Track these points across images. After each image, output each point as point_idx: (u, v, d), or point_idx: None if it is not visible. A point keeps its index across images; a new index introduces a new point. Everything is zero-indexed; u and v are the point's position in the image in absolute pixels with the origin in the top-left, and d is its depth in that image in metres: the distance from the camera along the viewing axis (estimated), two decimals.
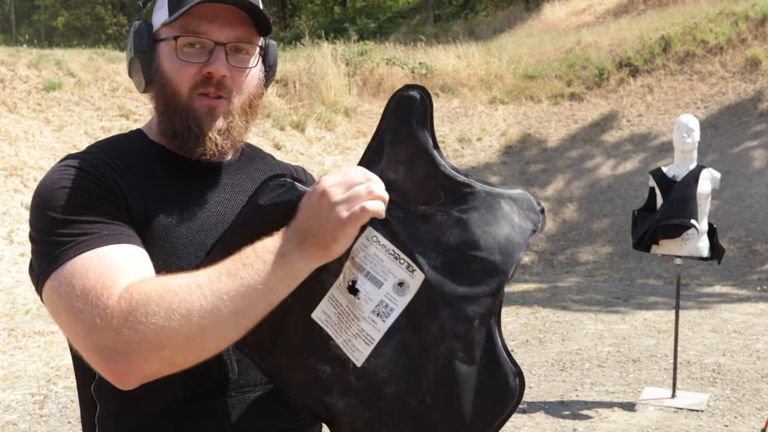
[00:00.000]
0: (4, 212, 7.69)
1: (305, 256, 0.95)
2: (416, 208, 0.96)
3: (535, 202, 1.00)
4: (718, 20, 14.18)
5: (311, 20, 23.09)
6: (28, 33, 27.04)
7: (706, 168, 4.83)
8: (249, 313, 0.96)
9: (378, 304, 0.97)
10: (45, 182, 1.11)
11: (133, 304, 0.95)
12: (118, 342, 0.95)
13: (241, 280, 0.95)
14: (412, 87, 0.99)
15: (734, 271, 9.34)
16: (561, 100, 14.05)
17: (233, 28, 1.16)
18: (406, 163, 0.97)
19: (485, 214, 0.95)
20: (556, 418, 4.50)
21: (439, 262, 0.95)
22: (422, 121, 0.97)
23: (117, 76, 11.11)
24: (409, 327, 0.96)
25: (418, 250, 0.95)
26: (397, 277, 0.97)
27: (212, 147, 1.18)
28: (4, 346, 5.79)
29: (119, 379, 0.97)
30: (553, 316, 7.15)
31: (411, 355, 0.96)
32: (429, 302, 0.95)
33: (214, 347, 0.98)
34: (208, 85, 1.16)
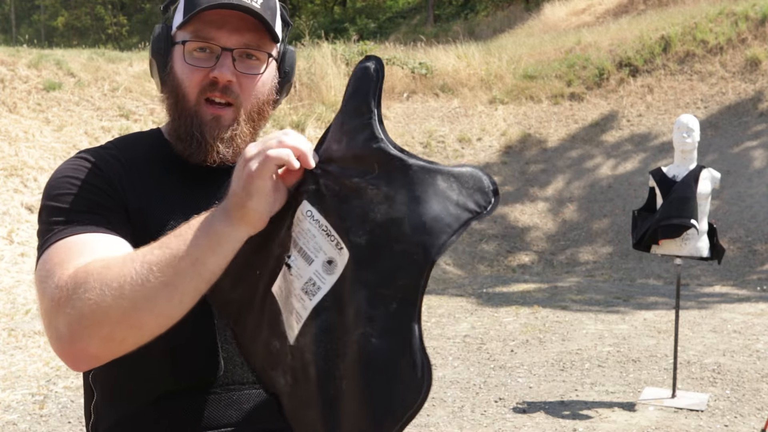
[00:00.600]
0: (4, 212, 7.69)
1: (228, 219, 0.93)
2: (351, 180, 0.91)
3: (488, 181, 0.90)
4: (718, 20, 14.18)
5: (311, 20, 23.10)
6: (28, 33, 27.05)
7: (706, 168, 4.83)
8: (179, 285, 0.94)
9: (307, 282, 0.94)
10: (53, 175, 1.17)
11: (77, 283, 0.96)
12: (62, 322, 0.96)
13: (169, 251, 0.94)
14: (368, 58, 0.96)
15: (734, 271, 9.34)
16: (561, 100, 14.05)
17: (242, 35, 1.17)
18: (348, 134, 0.93)
19: (414, 191, 0.87)
20: (556, 418, 4.50)
21: (364, 239, 0.89)
22: (369, 91, 0.94)
23: (117, 76, 11.11)
24: (335, 308, 0.92)
25: (347, 226, 0.90)
26: (327, 254, 0.92)
27: (214, 155, 1.19)
28: (4, 346, 5.79)
29: (68, 360, 0.98)
30: (553, 316, 7.15)
31: (332, 337, 0.92)
32: (351, 282, 0.90)
33: (152, 322, 0.96)
34: (214, 90, 1.17)
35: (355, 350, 0.89)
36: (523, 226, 11.37)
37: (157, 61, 1.21)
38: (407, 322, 0.87)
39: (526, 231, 11.27)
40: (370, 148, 0.90)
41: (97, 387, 1.19)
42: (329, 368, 0.92)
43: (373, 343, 0.87)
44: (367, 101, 0.93)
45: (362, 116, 0.92)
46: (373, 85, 0.94)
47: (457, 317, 7.15)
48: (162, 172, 1.21)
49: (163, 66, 1.21)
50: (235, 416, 1.17)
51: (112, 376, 1.16)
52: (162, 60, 1.20)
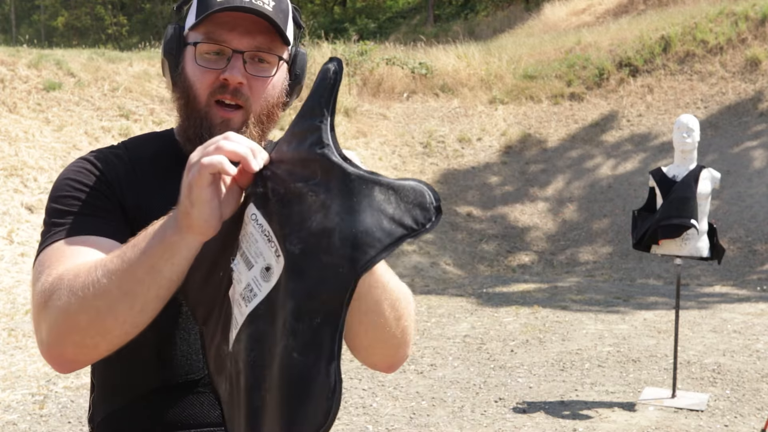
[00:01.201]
0: (4, 212, 7.69)
1: (177, 227, 0.92)
2: (295, 185, 0.86)
3: (430, 196, 0.83)
4: (718, 20, 14.19)
5: (311, 20, 23.10)
6: (28, 33, 27.06)
7: (706, 168, 4.83)
8: (138, 293, 0.95)
9: (245, 287, 0.91)
10: (58, 177, 1.20)
11: (51, 290, 0.99)
12: (43, 327, 1.00)
13: (127, 259, 0.95)
14: (331, 60, 0.90)
15: (734, 271, 9.34)
16: (561, 100, 14.05)
17: (253, 37, 1.17)
18: (297, 136, 0.89)
19: (348, 201, 0.82)
20: (556, 418, 4.50)
21: (298, 248, 0.84)
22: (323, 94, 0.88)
23: (117, 76, 11.11)
24: (267, 316, 0.88)
25: (285, 232, 0.86)
26: (266, 260, 0.89)
27: None
28: (4, 346, 5.79)
29: (52, 364, 1.02)
30: (553, 316, 7.15)
31: (261, 347, 0.89)
32: (283, 292, 0.86)
33: (118, 330, 0.97)
34: (224, 92, 1.18)
35: (277, 363, 0.86)
36: (523, 226, 11.37)
37: (169, 62, 1.22)
38: (328, 340, 0.83)
39: (526, 231, 11.27)
40: (315, 152, 0.85)
41: (96, 381, 1.24)
42: (256, 379, 0.89)
43: (294, 358, 0.84)
44: (320, 104, 0.88)
45: (313, 118, 0.87)
46: (329, 87, 0.88)
47: (457, 317, 7.15)
48: (167, 170, 1.22)
49: (174, 66, 1.22)
50: (218, 415, 1.19)
51: (105, 372, 1.21)
52: (174, 60, 1.21)
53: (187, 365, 1.18)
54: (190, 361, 1.18)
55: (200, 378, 1.19)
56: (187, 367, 1.18)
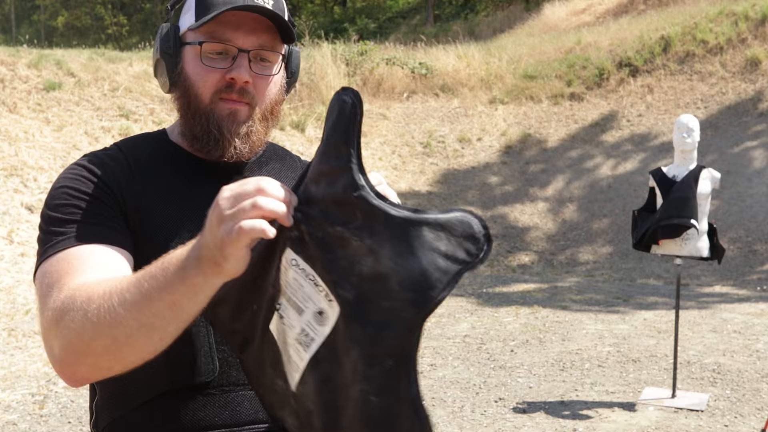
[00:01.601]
0: (4, 212, 7.69)
1: (202, 271, 0.89)
2: (334, 228, 0.84)
3: (478, 225, 0.83)
4: (718, 20, 14.19)
5: (311, 20, 23.10)
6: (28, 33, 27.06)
7: (706, 168, 4.83)
8: (157, 326, 0.92)
9: (300, 332, 0.90)
10: (54, 183, 1.18)
11: (64, 309, 0.97)
12: (55, 344, 0.98)
13: (146, 293, 0.92)
14: (345, 91, 0.87)
15: (734, 271, 9.34)
16: (561, 100, 14.05)
17: (258, 36, 1.18)
18: (326, 176, 0.86)
19: (398, 245, 0.81)
20: (556, 418, 4.50)
21: (351, 294, 0.84)
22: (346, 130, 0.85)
23: (117, 76, 11.11)
24: (331, 360, 0.88)
25: (335, 278, 0.85)
26: (317, 305, 0.88)
27: (232, 151, 1.20)
28: (4, 346, 5.79)
29: (63, 378, 1.01)
30: (553, 316, 7.15)
31: (333, 389, 0.88)
32: (344, 337, 0.86)
33: (135, 357, 0.96)
34: (231, 91, 1.18)
35: (353, 406, 0.86)
36: (523, 226, 11.38)
37: (166, 62, 1.21)
38: (404, 379, 0.84)
39: (526, 231, 11.27)
40: (351, 196, 0.84)
41: (98, 386, 1.21)
42: (332, 420, 0.89)
43: (372, 401, 0.84)
44: (345, 141, 0.85)
45: (340, 158, 0.85)
46: (350, 123, 0.85)
47: (457, 317, 7.15)
48: (166, 172, 1.22)
49: (172, 67, 1.21)
50: (230, 417, 1.18)
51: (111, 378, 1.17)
52: (171, 60, 1.20)
53: (197, 368, 1.16)
54: (199, 364, 1.16)
55: (210, 380, 1.17)
56: (197, 369, 1.16)
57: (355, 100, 0.85)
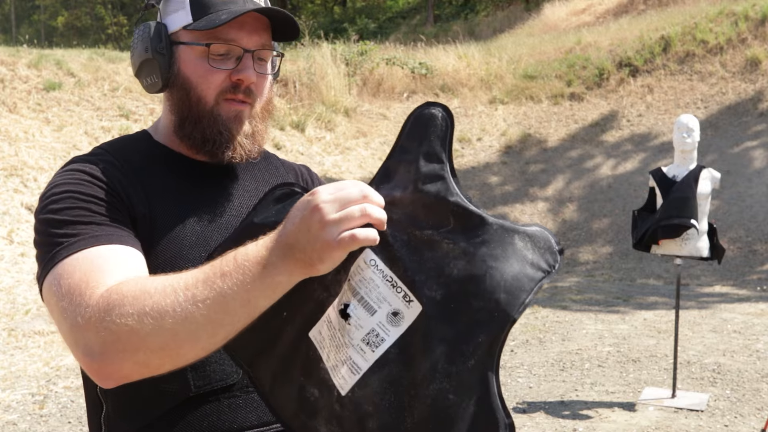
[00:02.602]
0: (4, 212, 7.69)
1: (288, 270, 0.88)
2: (422, 232, 0.89)
3: (554, 240, 0.92)
4: (718, 20, 14.18)
5: (311, 20, 23.10)
6: (28, 33, 27.05)
7: (706, 168, 4.83)
8: (225, 323, 0.91)
9: (369, 333, 0.90)
10: (47, 187, 1.13)
11: (110, 304, 0.93)
12: (96, 341, 0.93)
13: (218, 290, 0.90)
14: (434, 104, 0.92)
15: (734, 271, 9.34)
16: (561, 100, 14.05)
17: (260, 35, 1.18)
18: (415, 182, 0.90)
19: (495, 249, 0.88)
20: (556, 418, 4.50)
21: (439, 294, 0.87)
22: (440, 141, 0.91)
23: (117, 76, 11.11)
24: (401, 360, 0.89)
25: (420, 279, 0.88)
26: (392, 305, 0.90)
27: (242, 151, 1.20)
28: (4, 346, 5.79)
29: (99, 378, 0.97)
30: (553, 316, 7.15)
31: (398, 390, 0.89)
32: (424, 336, 0.88)
33: (192, 354, 0.94)
34: (237, 92, 1.18)
35: (428, 405, 0.88)
36: None
37: (159, 62, 1.18)
38: (485, 379, 0.87)
39: None
40: (446, 200, 0.89)
41: (108, 398, 1.16)
42: (395, 421, 0.89)
43: (450, 399, 0.86)
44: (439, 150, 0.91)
45: (432, 164, 0.90)
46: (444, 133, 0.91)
47: None
48: (160, 172, 1.20)
49: (166, 67, 1.19)
50: (257, 418, 1.17)
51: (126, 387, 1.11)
52: (165, 60, 1.19)
53: (221, 371, 1.14)
54: (223, 366, 1.14)
55: (234, 383, 1.15)
56: (221, 372, 1.14)
57: (446, 114, 0.92)
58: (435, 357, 0.87)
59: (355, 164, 12.05)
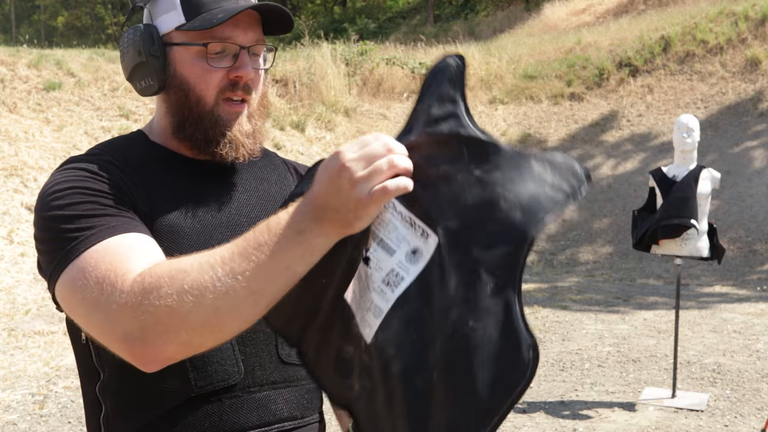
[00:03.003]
0: (4, 212, 7.69)
1: (325, 232, 0.89)
2: (438, 168, 0.89)
3: (579, 167, 0.87)
4: (718, 20, 14.18)
5: (311, 20, 23.09)
6: (28, 33, 27.03)
7: (706, 168, 4.83)
8: (267, 292, 0.91)
9: (388, 273, 0.91)
10: (47, 185, 1.11)
11: (147, 287, 0.93)
12: (135, 326, 0.92)
13: (256, 260, 0.90)
14: (449, 56, 0.94)
15: (734, 271, 9.34)
16: (561, 100, 14.05)
17: (254, 31, 1.18)
18: (430, 123, 0.91)
19: (509, 172, 0.86)
20: (556, 418, 4.50)
21: (454, 223, 0.87)
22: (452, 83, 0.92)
23: (117, 76, 11.11)
24: (420, 296, 0.89)
25: (436, 212, 0.88)
26: (411, 244, 0.90)
27: (244, 151, 1.20)
28: (4, 346, 5.79)
29: (141, 362, 0.95)
30: (553, 316, 7.15)
31: (419, 327, 0.88)
32: (440, 267, 0.87)
33: (234, 328, 0.94)
34: (236, 89, 1.18)
35: (448, 336, 0.85)
36: None
37: (154, 65, 1.18)
38: (505, 302, 0.84)
39: None
40: (458, 135, 0.89)
41: (107, 399, 1.15)
42: (418, 360, 0.88)
43: (471, 326, 0.84)
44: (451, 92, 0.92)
45: (445, 105, 0.91)
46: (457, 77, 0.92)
47: None
48: (158, 172, 1.19)
49: (161, 69, 1.18)
50: (259, 418, 1.16)
51: (126, 386, 1.13)
52: (159, 63, 1.17)
53: (222, 371, 1.13)
54: (225, 366, 1.14)
55: (236, 383, 1.15)
56: (223, 372, 1.14)
57: (459, 61, 0.93)
58: (452, 286, 0.86)
59: None
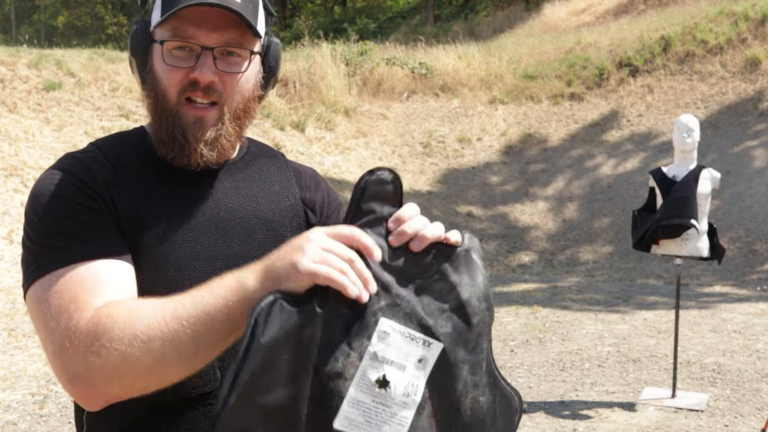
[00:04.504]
0: (4, 212, 7.69)
1: (261, 285, 0.92)
2: (415, 282, 1.00)
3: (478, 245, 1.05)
4: (718, 20, 14.19)
5: (311, 20, 23.10)
6: (28, 33, 27.04)
7: (706, 168, 4.83)
8: (206, 342, 0.94)
9: (406, 386, 0.99)
10: (37, 186, 1.12)
11: (100, 329, 0.94)
12: (82, 366, 0.95)
13: (202, 307, 0.93)
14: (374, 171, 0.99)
15: (734, 271, 9.34)
16: (561, 100, 14.05)
17: (222, 33, 1.13)
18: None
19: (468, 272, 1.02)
20: (556, 418, 4.50)
21: (449, 327, 1.00)
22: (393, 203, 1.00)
23: (117, 76, 11.11)
24: (434, 394, 1.01)
25: (431, 322, 1.00)
26: (416, 355, 1.00)
27: (197, 158, 1.15)
28: (4, 346, 5.79)
29: (83, 402, 0.98)
30: (553, 316, 7.15)
31: (440, 419, 1.02)
32: (448, 365, 1.01)
33: (175, 375, 0.96)
34: (195, 90, 1.14)
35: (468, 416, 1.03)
36: (523, 225, 11.38)
37: (137, 60, 1.17)
38: (492, 372, 1.05)
39: (526, 231, 11.27)
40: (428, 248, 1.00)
41: None
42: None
43: (481, 401, 1.03)
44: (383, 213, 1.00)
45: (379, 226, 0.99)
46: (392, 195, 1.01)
47: None
48: (151, 172, 1.17)
49: (143, 65, 1.18)
50: None
51: None
52: (141, 59, 1.17)
53: (198, 377, 1.13)
54: (200, 373, 1.12)
55: (211, 390, 1.14)
56: (200, 379, 1.13)
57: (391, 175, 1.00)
58: (463, 376, 1.02)
59: (355, 164, 12.05)
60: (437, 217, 11.41)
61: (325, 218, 1.31)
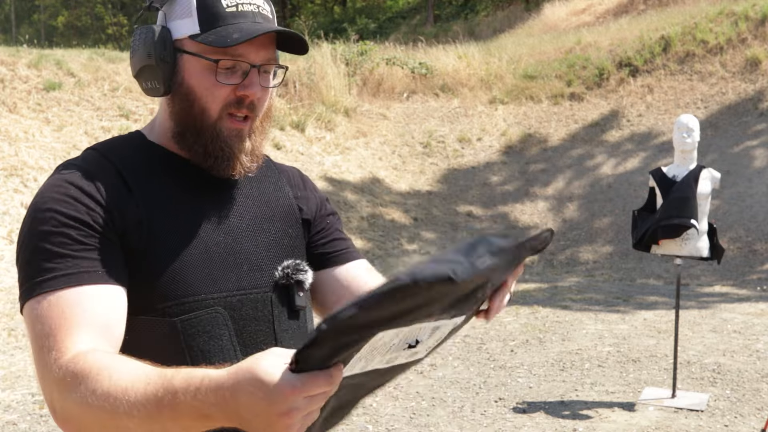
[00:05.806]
0: (4, 212, 7.69)
1: (228, 422, 0.89)
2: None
3: None
4: (718, 20, 14.18)
5: (311, 20, 23.09)
6: (28, 33, 27.03)
7: (706, 168, 4.83)
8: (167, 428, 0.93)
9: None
10: (37, 199, 1.13)
11: (69, 377, 0.98)
12: (57, 399, 1.00)
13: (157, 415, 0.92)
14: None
15: (734, 271, 9.34)
16: (561, 100, 14.05)
17: (267, 50, 1.18)
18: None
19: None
20: (556, 418, 4.50)
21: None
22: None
23: (117, 76, 11.11)
24: None
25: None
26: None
27: (241, 168, 1.21)
28: (4, 346, 5.79)
29: (58, 426, 1.04)
30: (553, 316, 7.15)
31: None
32: None
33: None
34: (241, 107, 1.18)
35: None
36: (523, 225, 11.37)
37: (162, 69, 1.17)
38: None
39: (527, 231, 11.26)
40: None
41: None
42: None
43: None
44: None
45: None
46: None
47: None
48: (157, 174, 1.18)
49: (169, 74, 1.17)
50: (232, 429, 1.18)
51: None
52: (168, 68, 1.17)
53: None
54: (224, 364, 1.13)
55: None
56: None
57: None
58: None
59: (355, 164, 12.05)
60: (437, 217, 11.42)
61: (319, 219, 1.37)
